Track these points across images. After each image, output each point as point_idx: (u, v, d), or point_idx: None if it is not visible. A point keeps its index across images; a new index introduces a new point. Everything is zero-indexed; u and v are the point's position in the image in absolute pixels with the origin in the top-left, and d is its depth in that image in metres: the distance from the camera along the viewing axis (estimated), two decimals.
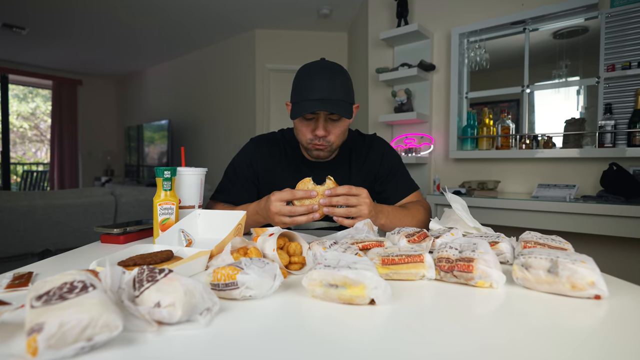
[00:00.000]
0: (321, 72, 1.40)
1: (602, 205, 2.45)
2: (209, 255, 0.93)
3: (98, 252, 1.14)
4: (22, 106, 9.35)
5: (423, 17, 3.90)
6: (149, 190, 3.66)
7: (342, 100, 1.39)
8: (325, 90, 1.37)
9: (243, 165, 1.63)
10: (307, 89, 1.38)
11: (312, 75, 1.40)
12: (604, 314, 0.66)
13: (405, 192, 1.62)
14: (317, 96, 1.36)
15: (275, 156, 1.63)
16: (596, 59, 2.94)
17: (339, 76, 1.41)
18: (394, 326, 0.61)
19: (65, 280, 0.54)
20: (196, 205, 1.33)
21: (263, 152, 1.64)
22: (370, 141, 1.70)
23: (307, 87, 1.38)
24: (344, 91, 1.40)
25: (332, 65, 1.44)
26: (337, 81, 1.39)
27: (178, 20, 5.47)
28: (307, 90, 1.38)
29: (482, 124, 3.44)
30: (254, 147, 1.66)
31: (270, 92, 5.72)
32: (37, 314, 0.48)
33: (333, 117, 1.42)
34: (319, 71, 1.40)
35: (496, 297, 0.74)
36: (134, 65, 8.06)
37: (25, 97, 9.39)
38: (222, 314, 0.64)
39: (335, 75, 1.40)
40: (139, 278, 0.61)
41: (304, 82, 1.41)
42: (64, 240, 3.06)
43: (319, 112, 1.40)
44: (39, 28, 5.81)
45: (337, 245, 0.92)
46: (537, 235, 0.95)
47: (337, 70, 1.43)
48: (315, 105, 1.36)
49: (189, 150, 7.09)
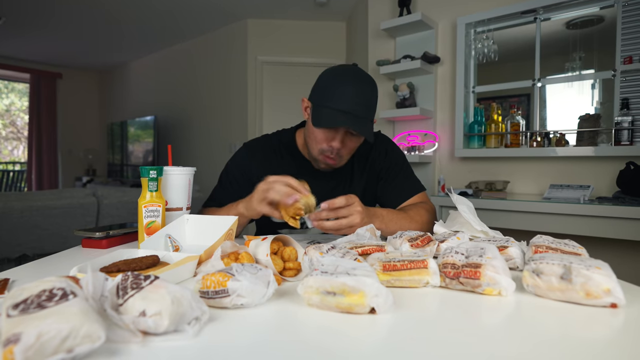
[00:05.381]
0: (354, 81, 1.39)
1: (618, 207, 2.45)
2: (197, 260, 0.93)
3: (79, 257, 1.14)
4: None
5: (427, 6, 3.90)
6: (134, 191, 3.66)
7: (369, 119, 1.41)
8: (356, 105, 1.36)
9: (236, 172, 1.65)
10: (337, 97, 1.37)
11: (344, 83, 1.38)
12: (620, 324, 0.66)
13: (409, 194, 1.62)
14: (346, 108, 1.35)
15: (272, 162, 1.64)
16: (612, 50, 2.95)
17: (370, 91, 1.41)
18: (395, 337, 0.62)
19: (43, 287, 0.54)
20: (184, 208, 1.33)
21: (257, 159, 1.65)
22: (386, 142, 1.72)
23: (337, 95, 1.37)
24: (371, 109, 1.42)
25: (366, 76, 1.43)
26: (368, 95, 1.40)
27: (164, 9, 5.45)
28: (336, 98, 1.37)
29: (490, 120, 3.45)
30: (247, 153, 1.68)
31: (264, 86, 5.71)
32: (14, 323, 0.48)
33: (353, 132, 1.40)
34: (352, 80, 1.39)
35: (505, 306, 0.74)
36: (118, 58, 8.03)
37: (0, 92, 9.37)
38: (212, 324, 0.64)
39: (367, 89, 1.40)
40: (123, 285, 0.60)
41: (333, 87, 1.39)
42: (43, 244, 3.05)
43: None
44: (15, 17, 5.78)
45: (335, 250, 0.92)
46: (549, 239, 0.95)
47: (370, 83, 1.43)
48: (343, 121, 1.35)
49: (176, 149, 7.08)
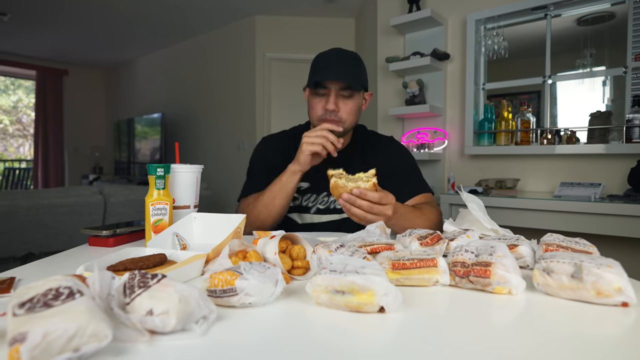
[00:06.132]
0: (335, 54, 1.61)
1: (629, 205, 2.44)
2: (205, 259, 0.93)
3: (85, 255, 1.14)
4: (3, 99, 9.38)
5: (436, 2, 3.89)
6: (141, 189, 3.68)
7: (354, 78, 1.57)
8: (337, 69, 1.56)
9: (259, 162, 1.80)
10: (321, 68, 1.58)
11: (325, 57, 1.61)
12: (632, 323, 0.66)
13: (414, 192, 1.65)
14: (330, 71, 1.56)
15: (284, 152, 1.75)
16: (623, 47, 2.93)
17: (351, 59, 1.61)
18: (405, 336, 0.61)
19: (50, 286, 0.54)
20: (192, 205, 1.33)
21: (272, 148, 1.81)
22: (387, 141, 1.83)
23: (321, 67, 1.58)
24: (355, 71, 1.59)
25: (346, 50, 1.64)
26: (349, 62, 1.59)
27: (172, 4, 5.47)
28: (319, 69, 1.58)
29: (500, 117, 3.44)
30: (264, 145, 1.85)
31: (272, 82, 5.72)
32: (20, 322, 0.48)
33: (344, 93, 1.57)
34: (334, 54, 1.61)
35: (515, 305, 0.74)
36: (125, 54, 8.07)
37: (7, 89, 9.42)
38: (220, 323, 0.64)
39: (348, 57, 1.60)
40: (130, 284, 0.61)
41: (317, 63, 1.61)
42: (49, 243, 3.07)
43: (330, 88, 1.55)
44: (22, 13, 5.82)
45: (344, 248, 0.92)
46: (559, 237, 0.95)
47: (351, 54, 1.62)
48: (324, 76, 1.55)
49: (183, 146, 7.11)
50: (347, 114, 1.59)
